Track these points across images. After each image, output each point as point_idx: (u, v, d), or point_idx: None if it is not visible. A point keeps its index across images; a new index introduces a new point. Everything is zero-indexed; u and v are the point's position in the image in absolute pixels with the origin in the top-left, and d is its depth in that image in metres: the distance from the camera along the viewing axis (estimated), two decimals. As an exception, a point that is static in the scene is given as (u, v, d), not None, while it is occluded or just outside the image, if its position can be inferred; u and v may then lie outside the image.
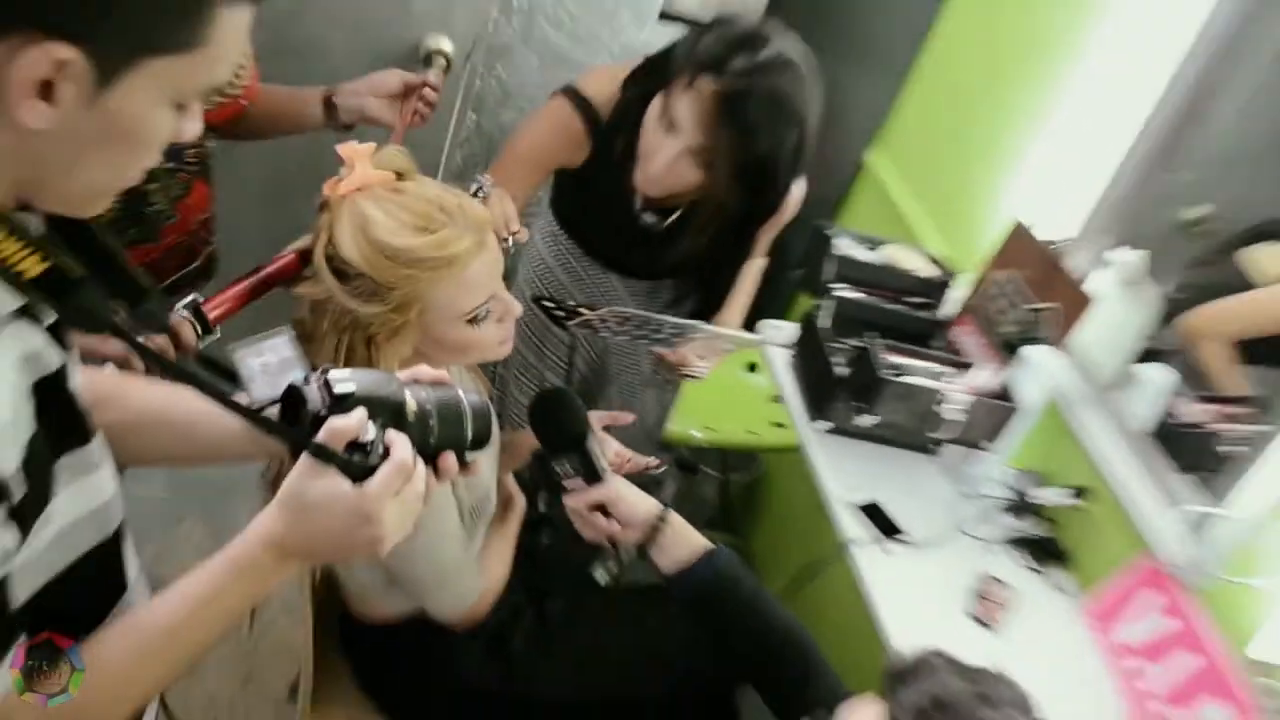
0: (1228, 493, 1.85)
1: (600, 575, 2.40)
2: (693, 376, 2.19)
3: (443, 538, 1.66)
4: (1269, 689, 1.66)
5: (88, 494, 1.03)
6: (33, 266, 0.87)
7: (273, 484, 1.74)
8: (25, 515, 0.90)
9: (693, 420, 2.82)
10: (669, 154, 1.88)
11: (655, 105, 1.90)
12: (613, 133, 2.01)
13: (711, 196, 1.92)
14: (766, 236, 2.17)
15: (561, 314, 1.95)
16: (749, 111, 1.81)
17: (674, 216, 2.09)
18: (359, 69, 2.53)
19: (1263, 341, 2.10)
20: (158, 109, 0.88)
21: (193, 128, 0.93)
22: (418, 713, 1.93)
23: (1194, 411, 2.05)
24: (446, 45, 2.53)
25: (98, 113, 0.83)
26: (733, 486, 3.24)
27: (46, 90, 0.80)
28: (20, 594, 0.94)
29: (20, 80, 0.78)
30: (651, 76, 1.94)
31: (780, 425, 2.93)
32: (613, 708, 1.93)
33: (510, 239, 1.66)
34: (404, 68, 2.17)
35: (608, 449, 1.88)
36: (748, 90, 1.80)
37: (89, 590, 1.07)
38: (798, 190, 2.07)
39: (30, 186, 0.89)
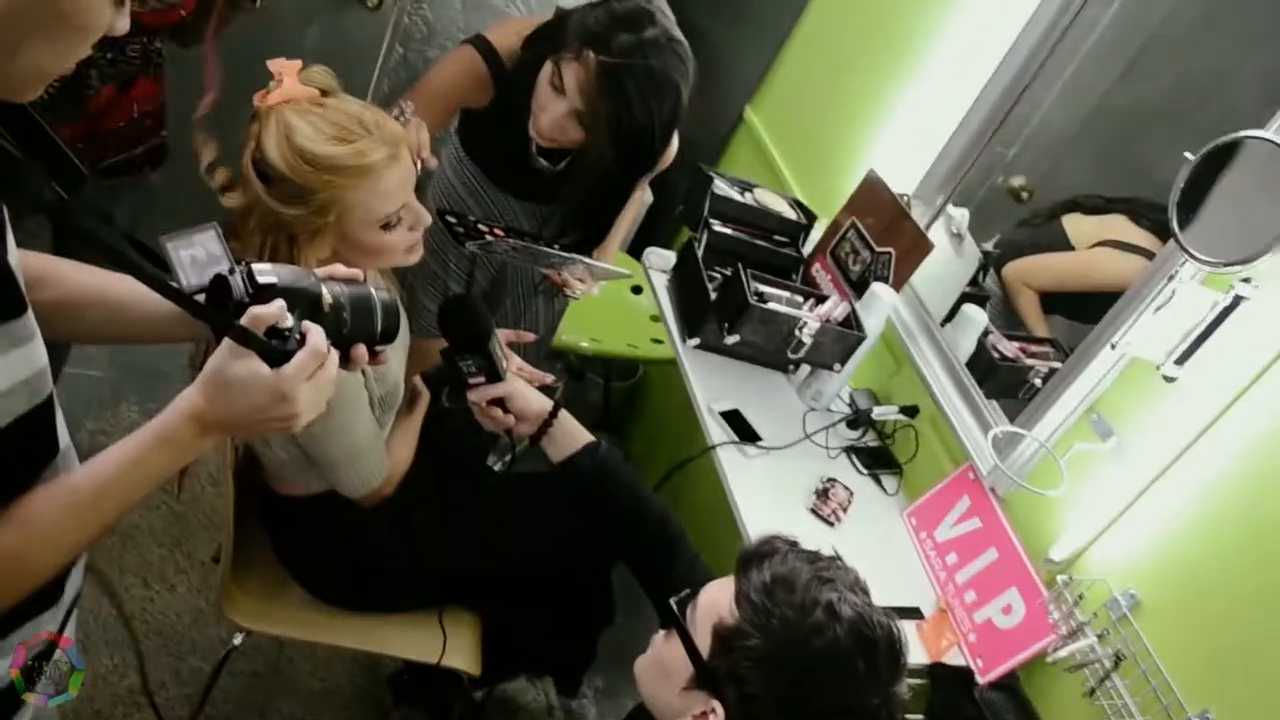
0: (1031, 417, 1.88)
1: (494, 462, 2.36)
2: (573, 296, 2.20)
3: (355, 421, 1.61)
4: (1065, 582, 1.69)
5: (21, 363, 0.96)
6: None
7: (199, 368, 1.66)
8: None
9: (582, 332, 2.78)
10: (555, 113, 1.86)
11: (548, 67, 1.87)
12: (512, 83, 1.97)
13: (592, 151, 1.89)
14: (642, 184, 2.16)
15: (461, 230, 1.92)
16: (626, 85, 1.79)
17: (563, 163, 2.07)
18: (300, 3, 2.41)
19: (1061, 295, 2.14)
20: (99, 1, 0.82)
21: (123, 24, 0.86)
22: (328, 580, 1.89)
23: (1007, 347, 2.07)
24: (379, -17, 2.41)
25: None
26: (615, 392, 3.22)
27: None
28: None
29: None
30: (548, 40, 1.91)
31: (658, 341, 2.91)
32: (502, 576, 1.91)
33: (419, 164, 1.59)
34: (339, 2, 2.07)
35: (511, 362, 1.85)
36: (628, 66, 1.78)
37: (23, 451, 1.01)
38: (673, 145, 2.05)
39: None
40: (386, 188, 1.47)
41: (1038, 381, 1.98)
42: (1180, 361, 1.57)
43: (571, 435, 1.65)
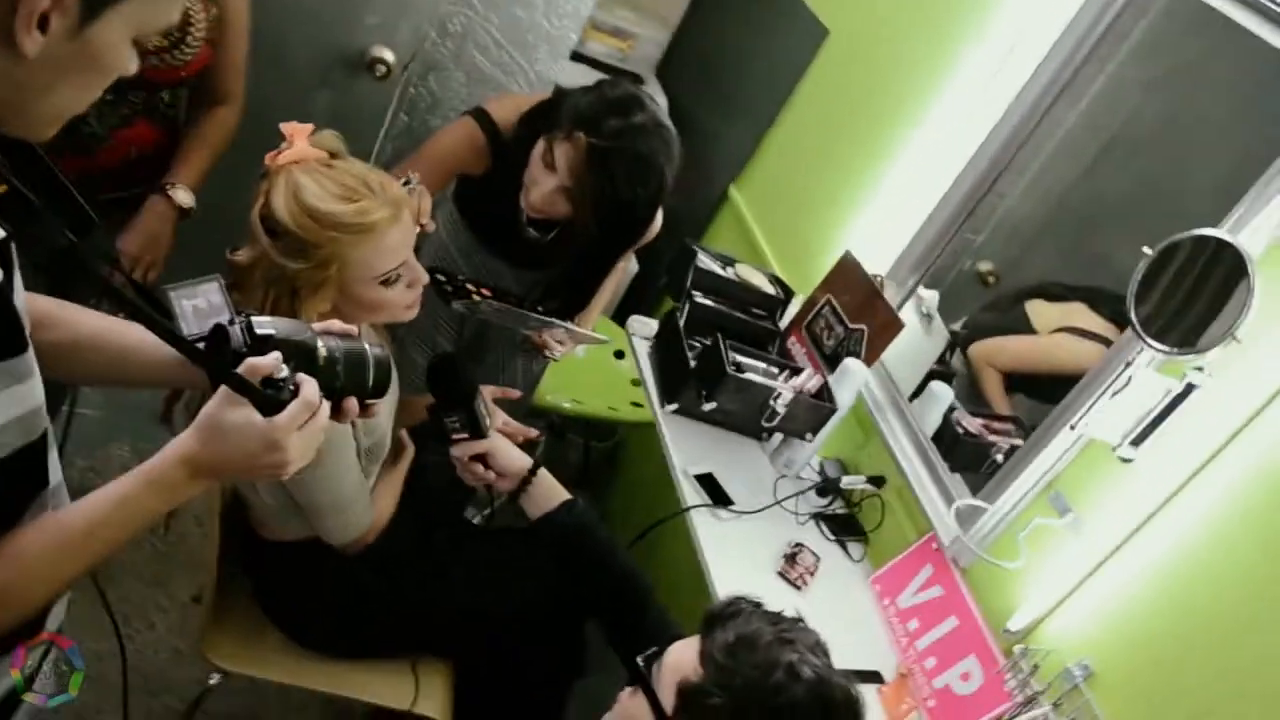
0: (993, 491, 1.88)
1: (472, 515, 2.35)
2: (552, 358, 2.21)
3: (342, 470, 1.60)
4: (1022, 652, 1.69)
5: (18, 400, 0.96)
6: None
7: (194, 413, 1.66)
8: None
9: (565, 393, 2.78)
10: (545, 188, 1.89)
11: (542, 144, 1.91)
12: (508, 155, 2.00)
13: (578, 226, 1.93)
14: (626, 256, 2.19)
15: (450, 289, 1.94)
16: (613, 166, 1.82)
17: (551, 234, 2.09)
18: (313, 70, 2.45)
19: (1024, 375, 2.17)
20: (124, 44, 0.85)
21: (133, 65, 0.89)
22: (306, 624, 1.86)
23: (971, 423, 2.09)
24: (388, 55, 2.45)
25: (79, 43, 0.81)
26: (594, 452, 3.21)
27: (42, 21, 0.78)
28: None
29: (28, 10, 0.76)
30: (543, 118, 1.95)
31: (637, 405, 2.91)
32: (476, 626, 1.89)
33: (419, 227, 1.61)
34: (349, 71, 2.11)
35: (495, 418, 1.86)
36: (615, 149, 1.82)
37: (13, 486, 1.00)
38: (657, 222, 2.08)
39: (2, 110, 0.84)
40: (387, 245, 1.49)
41: (1000, 457, 1.99)
42: (1136, 443, 1.59)
43: (549, 493, 1.65)
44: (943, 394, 2.14)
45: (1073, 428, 1.68)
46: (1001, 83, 2.15)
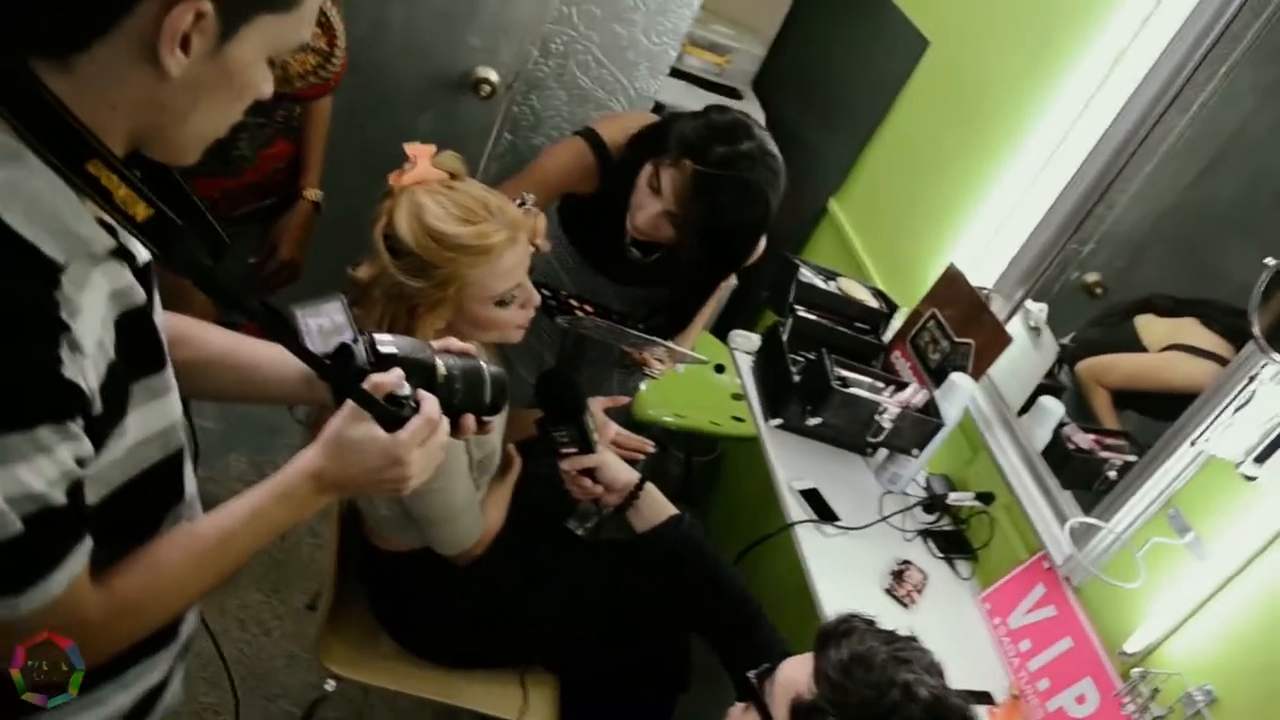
0: (1107, 509, 1.84)
1: (575, 527, 2.37)
2: (651, 375, 2.22)
3: (455, 483, 1.64)
4: (1141, 675, 1.64)
5: (157, 415, 1.00)
6: (141, 211, 0.85)
7: (314, 426, 1.72)
8: (102, 430, 0.88)
9: (667, 407, 2.80)
10: (651, 212, 1.92)
11: (648, 168, 1.93)
12: (615, 176, 2.03)
13: (683, 250, 1.94)
14: (727, 282, 2.21)
15: (554, 303, 1.97)
16: (718, 194, 1.84)
17: (655, 255, 2.11)
18: (419, 91, 2.51)
19: (1134, 393, 2.11)
20: (259, 63, 0.87)
21: (268, 88, 0.91)
22: (418, 633, 1.91)
23: (1083, 439, 2.04)
24: (492, 75, 2.50)
25: (217, 63, 0.83)
26: (695, 466, 3.22)
27: (184, 42, 0.79)
28: (93, 497, 0.91)
29: (170, 32, 0.77)
30: (651, 142, 1.97)
31: (739, 419, 2.91)
32: (583, 639, 1.91)
33: (535, 248, 1.65)
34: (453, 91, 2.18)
35: (609, 430, 1.88)
36: (721, 177, 1.83)
37: (151, 498, 1.05)
38: (760, 244, 2.09)
39: (146, 134, 0.86)
40: (504, 267, 1.52)
41: (1112, 474, 1.94)
42: (1260, 460, 1.54)
43: (656, 507, 1.66)
44: (1053, 409, 2.09)
45: (1193, 444, 1.63)
46: (1109, 90, 2.11)
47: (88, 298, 0.83)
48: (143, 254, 0.94)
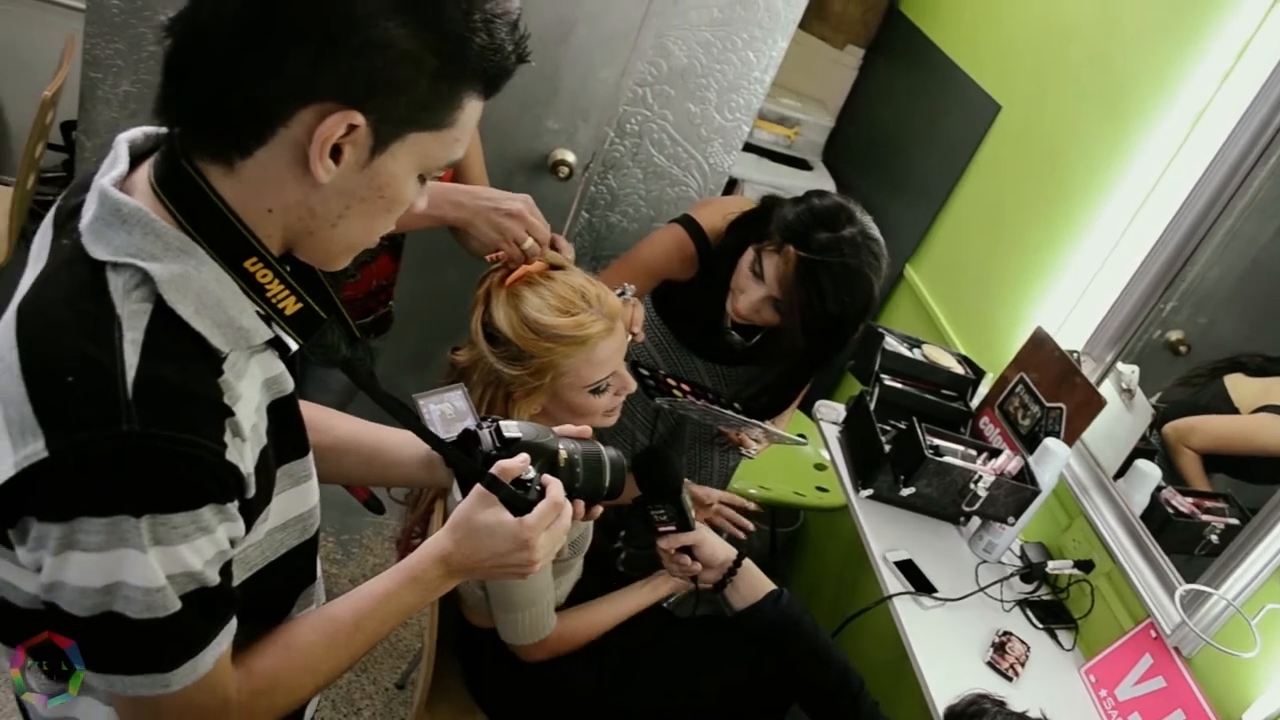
0: (1217, 575, 1.80)
1: (668, 604, 2.37)
2: (747, 455, 2.22)
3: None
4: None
5: (298, 500, 1.05)
6: (290, 305, 0.90)
7: (413, 506, 1.76)
8: (251, 511, 0.91)
9: (751, 480, 2.80)
10: (753, 297, 1.93)
11: (750, 254, 1.94)
12: (715, 262, 2.04)
13: (786, 336, 1.95)
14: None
15: (653, 383, 1.97)
16: (822, 280, 1.84)
17: (755, 339, 2.12)
18: (500, 175, 2.59)
19: (1224, 455, 2.08)
20: (410, 179, 0.90)
21: (422, 203, 0.95)
22: (514, 712, 1.91)
23: (1182, 503, 2.01)
24: (570, 156, 2.57)
25: (368, 174, 0.86)
26: (779, 538, 3.20)
27: (335, 152, 0.83)
28: (236, 578, 0.95)
29: (323, 139, 0.81)
30: (751, 228, 1.99)
31: (823, 489, 2.90)
32: (683, 715, 1.90)
33: (631, 337, 1.68)
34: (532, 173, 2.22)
35: (712, 496, 1.88)
36: (824, 263, 1.83)
37: (287, 581, 1.09)
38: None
39: (298, 238, 0.91)
40: (600, 357, 1.55)
41: (1214, 538, 1.90)
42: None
43: (754, 583, 1.66)
44: (1150, 472, 2.06)
45: (1307, 507, 1.60)
46: (1192, 147, 2.10)
47: (246, 385, 0.88)
48: (291, 344, 0.99)
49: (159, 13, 2.26)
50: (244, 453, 0.86)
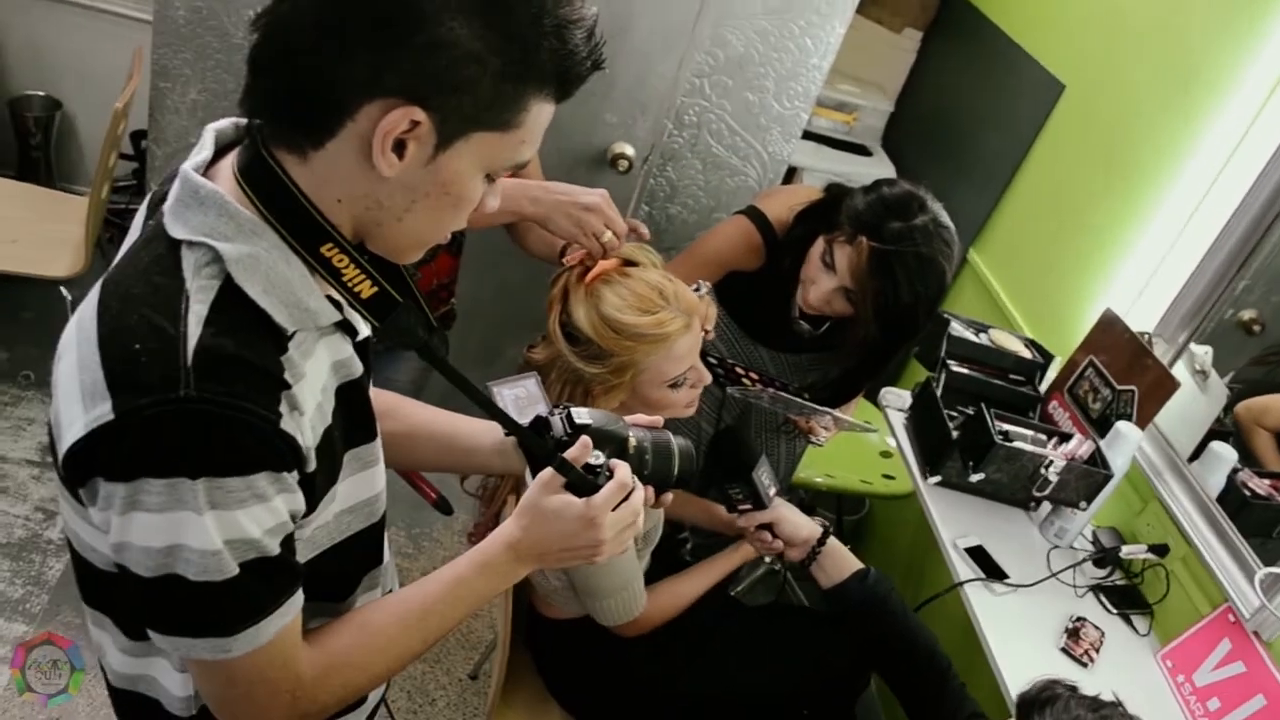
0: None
1: (733, 590, 2.38)
2: (816, 443, 2.22)
3: (616, 563, 1.66)
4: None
5: (365, 484, 1.08)
6: (366, 289, 0.93)
7: (489, 499, 1.79)
8: (315, 491, 0.94)
9: (817, 468, 2.80)
10: (825, 288, 1.92)
11: (820, 244, 1.93)
12: (783, 253, 2.04)
13: (859, 325, 1.94)
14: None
15: (722, 372, 1.98)
16: (895, 269, 1.83)
17: (824, 327, 2.11)
18: (560, 170, 2.61)
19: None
20: (475, 177, 0.91)
21: (493, 202, 0.96)
22: (587, 701, 1.94)
23: (1259, 485, 1.97)
24: (629, 150, 2.59)
25: (431, 170, 0.88)
26: (845, 526, 3.20)
27: (399, 147, 0.85)
28: (301, 556, 0.97)
29: (385, 133, 0.83)
30: (820, 218, 1.98)
31: (889, 477, 2.89)
32: (751, 707, 1.92)
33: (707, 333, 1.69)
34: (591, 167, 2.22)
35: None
36: (897, 253, 1.82)
37: (352, 562, 1.12)
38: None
39: (367, 229, 0.93)
40: (678, 353, 1.56)
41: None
42: None
43: (841, 561, 1.66)
44: (1226, 454, 2.03)
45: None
46: (1267, 120, 2.06)
47: (311, 365, 0.92)
48: (363, 330, 1.02)
49: (225, 22, 2.32)
50: (303, 426, 0.89)
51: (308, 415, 0.90)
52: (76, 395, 0.84)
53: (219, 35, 2.34)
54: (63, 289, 2.79)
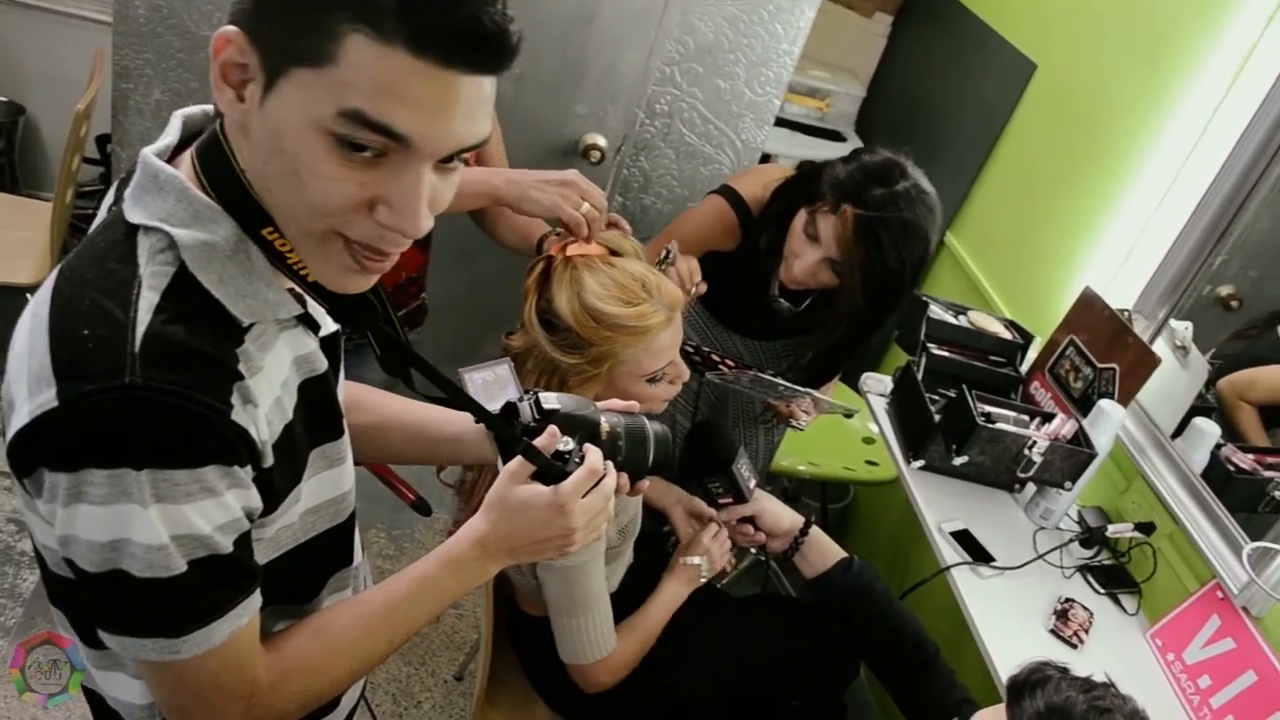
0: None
1: (717, 581, 2.35)
2: (797, 427, 2.19)
3: (589, 567, 1.58)
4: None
5: (331, 483, 1.04)
6: (312, 273, 0.88)
7: (468, 492, 1.75)
8: (273, 487, 0.90)
9: (800, 456, 2.78)
10: (810, 260, 1.90)
11: (801, 217, 1.91)
12: (760, 230, 2.01)
13: (844, 296, 1.92)
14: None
15: (698, 360, 1.95)
16: (881, 236, 1.81)
17: (805, 304, 2.09)
18: (529, 162, 2.57)
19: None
20: (307, 133, 0.77)
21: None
22: (572, 699, 1.90)
23: (1243, 459, 1.96)
24: (601, 140, 2.55)
25: (265, 118, 0.79)
26: (829, 514, 3.18)
27: (241, 89, 0.79)
28: (263, 558, 0.94)
29: (218, 63, 0.79)
30: (799, 192, 1.95)
31: (872, 463, 2.87)
32: (739, 701, 1.89)
33: (695, 289, 1.65)
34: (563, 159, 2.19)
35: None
36: (882, 219, 1.80)
37: (318, 563, 1.08)
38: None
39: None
40: (659, 347, 1.52)
41: (1278, 494, 1.86)
42: None
43: (824, 551, 1.64)
44: (1209, 430, 2.02)
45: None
46: (1238, 94, 2.05)
47: (270, 359, 0.88)
48: (329, 325, 0.98)
49: (185, 20, 2.27)
50: (257, 420, 0.85)
51: (263, 409, 0.86)
52: (24, 381, 0.81)
53: (180, 34, 2.29)
54: (28, 295, 2.73)
